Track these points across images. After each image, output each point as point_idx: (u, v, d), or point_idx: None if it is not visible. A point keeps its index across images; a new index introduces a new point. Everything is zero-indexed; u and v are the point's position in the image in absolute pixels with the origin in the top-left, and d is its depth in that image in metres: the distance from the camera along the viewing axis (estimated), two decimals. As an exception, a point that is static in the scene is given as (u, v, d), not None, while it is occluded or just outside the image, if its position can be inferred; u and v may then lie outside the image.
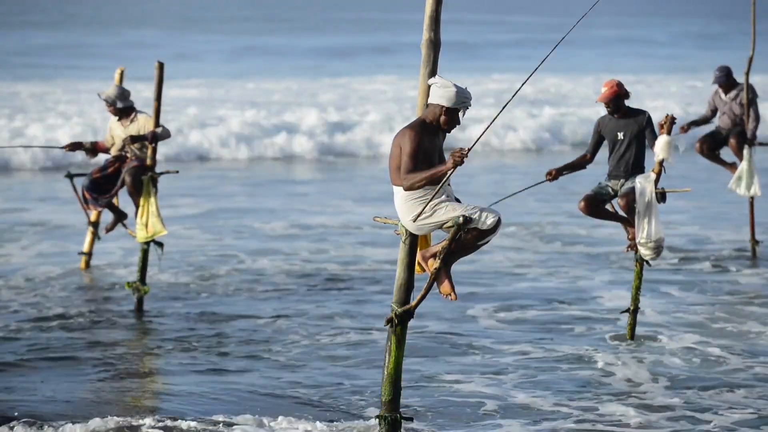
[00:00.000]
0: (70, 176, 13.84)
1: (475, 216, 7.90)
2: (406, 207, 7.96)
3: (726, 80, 15.34)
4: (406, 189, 7.84)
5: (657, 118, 15.70)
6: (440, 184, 7.82)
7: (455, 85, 7.85)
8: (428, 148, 7.88)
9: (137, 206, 13.04)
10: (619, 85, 11.68)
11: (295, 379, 10.55)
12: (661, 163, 11.27)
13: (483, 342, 11.72)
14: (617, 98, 11.68)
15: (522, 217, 18.91)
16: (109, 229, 14.00)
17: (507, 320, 12.66)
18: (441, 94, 7.85)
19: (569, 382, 10.43)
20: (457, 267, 8.75)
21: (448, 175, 7.76)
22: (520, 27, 79.88)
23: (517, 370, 10.80)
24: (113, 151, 13.39)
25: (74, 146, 13.50)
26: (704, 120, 15.68)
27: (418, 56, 8.03)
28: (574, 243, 17.04)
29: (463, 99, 7.87)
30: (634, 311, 11.64)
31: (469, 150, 7.64)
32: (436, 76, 7.91)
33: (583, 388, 10.26)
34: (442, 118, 7.91)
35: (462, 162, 7.62)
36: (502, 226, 8.05)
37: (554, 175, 11.81)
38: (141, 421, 9.24)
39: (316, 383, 10.41)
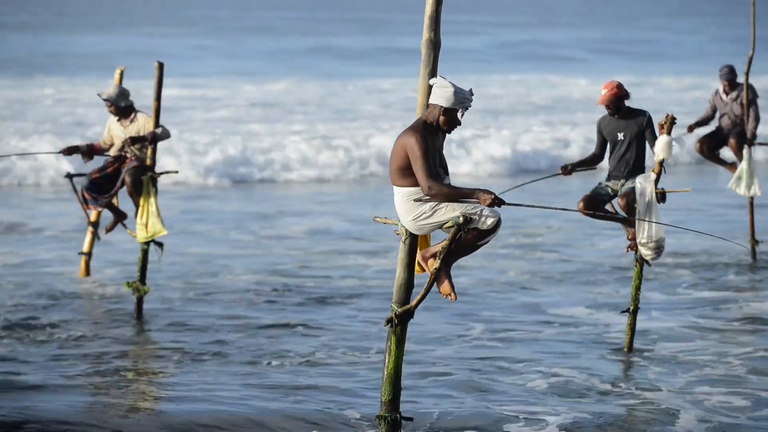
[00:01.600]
0: (70, 176, 13.83)
1: (475, 216, 7.90)
2: (406, 207, 7.96)
3: (734, 77, 15.38)
4: (429, 194, 7.82)
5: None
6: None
7: (453, 85, 7.85)
8: (431, 148, 7.89)
9: (137, 206, 13.04)
10: (619, 86, 11.69)
11: (293, 385, 10.51)
12: (661, 163, 11.27)
13: (487, 360, 11.53)
14: (617, 99, 11.69)
15: (520, 223, 18.90)
16: (108, 229, 14.00)
17: (509, 336, 12.46)
18: (440, 95, 7.86)
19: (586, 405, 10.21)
20: (456, 277, 8.73)
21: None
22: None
23: (527, 390, 10.56)
24: (113, 152, 13.38)
25: (70, 150, 13.47)
26: (707, 120, 15.72)
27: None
28: (573, 249, 17.03)
29: (461, 99, 7.87)
30: (634, 311, 11.64)
31: (500, 202, 7.75)
32: (437, 77, 7.92)
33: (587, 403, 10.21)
34: (441, 118, 7.92)
35: (490, 204, 7.77)
36: (502, 226, 8.05)
37: (568, 170, 11.86)
38: (139, 427, 9.24)
39: (314, 390, 10.39)
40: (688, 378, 10.85)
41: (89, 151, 13.49)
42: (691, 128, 15.44)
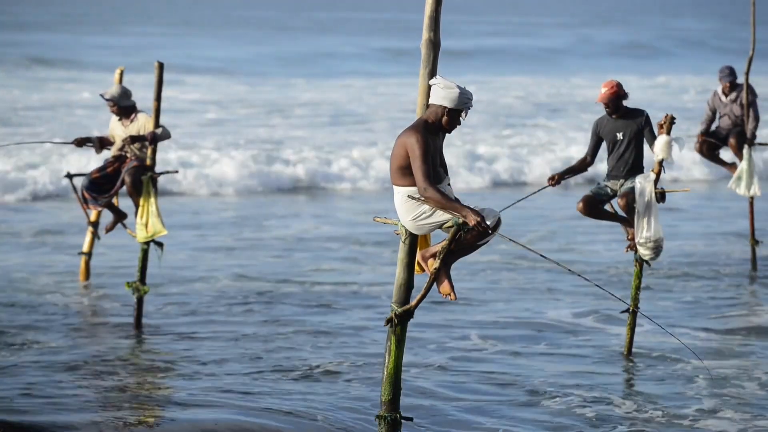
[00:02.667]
0: (70, 176, 13.83)
1: (475, 216, 7.89)
2: (406, 207, 7.96)
3: (734, 79, 15.39)
4: (423, 196, 7.82)
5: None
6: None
7: (458, 86, 7.85)
8: (432, 149, 7.89)
9: (137, 206, 13.04)
10: (619, 85, 11.70)
11: (293, 393, 10.46)
12: (660, 163, 11.28)
13: (486, 369, 11.37)
14: (617, 98, 11.70)
15: (518, 228, 18.86)
16: (108, 229, 13.99)
17: (506, 343, 12.31)
18: (444, 95, 7.85)
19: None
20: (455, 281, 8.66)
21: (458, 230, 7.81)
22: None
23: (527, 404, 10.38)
24: (113, 151, 13.40)
25: (82, 141, 13.47)
26: (710, 123, 15.73)
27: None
28: (570, 253, 16.98)
29: (465, 100, 7.87)
30: (634, 311, 11.64)
31: (486, 228, 7.70)
32: (438, 77, 7.91)
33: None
34: (444, 119, 7.91)
35: (476, 230, 7.69)
36: (502, 227, 8.03)
37: (556, 179, 11.83)
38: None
39: (312, 396, 10.34)
40: (693, 390, 10.76)
41: (100, 144, 13.50)
42: (702, 136, 15.50)
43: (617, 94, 11.69)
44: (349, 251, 16.96)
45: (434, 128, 7.94)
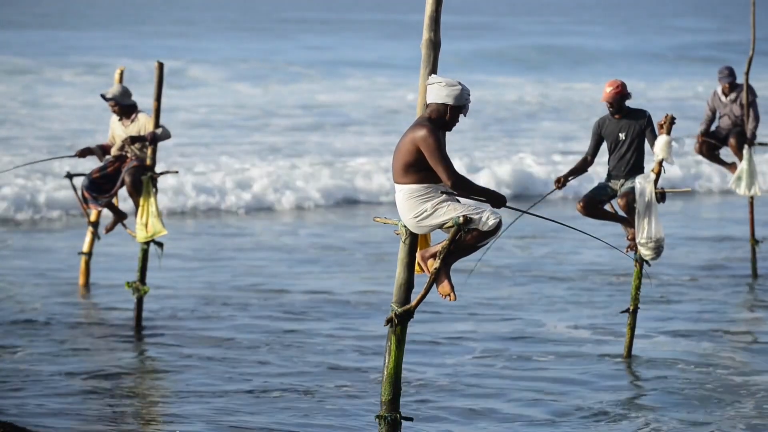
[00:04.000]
0: (70, 176, 13.83)
1: (476, 217, 7.88)
2: (407, 205, 7.94)
3: (733, 80, 15.39)
4: (454, 187, 7.81)
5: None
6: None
7: (460, 83, 7.85)
8: (444, 143, 7.91)
9: (137, 206, 13.04)
10: (623, 85, 11.73)
11: (294, 401, 10.41)
12: (660, 163, 11.29)
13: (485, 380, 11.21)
14: (621, 98, 11.73)
15: (514, 232, 18.83)
16: (108, 229, 13.99)
17: (503, 350, 12.18)
18: (447, 93, 7.83)
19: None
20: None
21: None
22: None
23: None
24: (113, 151, 13.41)
25: (84, 152, 13.52)
26: (710, 123, 15.73)
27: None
28: (565, 261, 16.95)
29: (467, 96, 7.89)
30: (634, 311, 11.64)
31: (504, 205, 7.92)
32: (436, 75, 7.91)
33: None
34: (447, 116, 7.90)
35: (499, 207, 7.92)
36: (503, 228, 8.01)
37: (562, 182, 11.85)
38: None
39: (310, 405, 10.29)
40: (695, 395, 10.66)
41: (102, 152, 13.52)
42: (702, 136, 15.48)
43: (621, 94, 11.71)
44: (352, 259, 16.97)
45: (437, 126, 7.93)
